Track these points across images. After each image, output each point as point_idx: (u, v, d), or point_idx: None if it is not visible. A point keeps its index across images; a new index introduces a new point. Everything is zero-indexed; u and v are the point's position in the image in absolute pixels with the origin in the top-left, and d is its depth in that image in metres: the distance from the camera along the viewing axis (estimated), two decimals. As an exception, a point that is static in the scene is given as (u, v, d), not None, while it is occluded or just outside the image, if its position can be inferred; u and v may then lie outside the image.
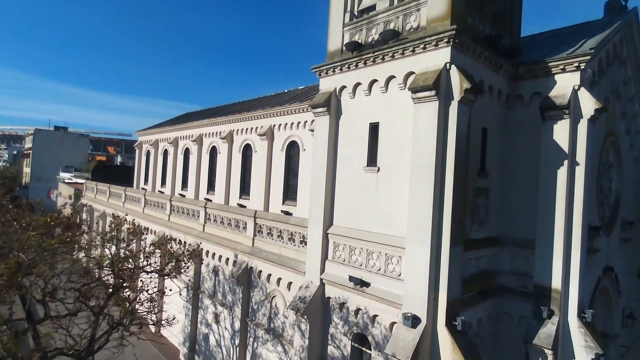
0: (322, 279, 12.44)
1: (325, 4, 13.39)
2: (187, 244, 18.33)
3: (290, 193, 20.24)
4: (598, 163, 12.86)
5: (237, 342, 16.34)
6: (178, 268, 14.69)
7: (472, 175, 10.90)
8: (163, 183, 33.23)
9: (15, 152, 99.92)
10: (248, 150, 23.51)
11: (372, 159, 11.48)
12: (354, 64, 11.85)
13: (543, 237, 10.96)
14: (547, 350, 10.24)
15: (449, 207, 9.51)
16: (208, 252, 19.06)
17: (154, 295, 14.12)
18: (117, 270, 12.77)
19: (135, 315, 12.92)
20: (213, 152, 26.86)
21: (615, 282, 14.45)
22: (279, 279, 14.81)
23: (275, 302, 15.24)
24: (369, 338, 11.24)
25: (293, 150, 20.22)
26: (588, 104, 10.64)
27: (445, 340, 9.42)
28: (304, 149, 19.11)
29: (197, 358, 19.36)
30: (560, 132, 10.82)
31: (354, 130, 12.04)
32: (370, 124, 11.59)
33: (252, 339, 16.09)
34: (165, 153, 33.17)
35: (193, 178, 28.38)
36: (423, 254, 9.61)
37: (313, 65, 13.11)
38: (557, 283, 10.68)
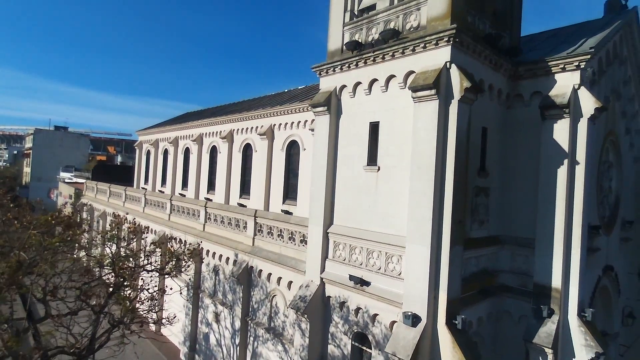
0: (322, 278, 12.45)
1: (326, 4, 13.43)
2: (187, 243, 18.36)
3: (291, 192, 20.27)
4: (598, 162, 12.88)
5: (237, 341, 16.36)
6: (178, 267, 14.71)
7: (472, 175, 10.91)
8: (163, 183, 33.26)
9: (16, 152, 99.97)
10: (248, 150, 23.53)
11: (372, 159, 11.50)
12: (354, 63, 11.86)
13: (543, 236, 10.98)
14: (547, 349, 10.27)
15: (449, 206, 9.52)
16: (208, 251, 19.08)
17: (155, 294, 14.15)
18: (117, 269, 12.80)
19: (136, 314, 12.94)
20: (213, 151, 26.89)
21: (615, 281, 14.47)
22: (279, 278, 14.83)
23: (276, 301, 15.26)
24: (369, 337, 11.26)
25: (293, 150, 20.25)
26: (588, 103, 10.66)
27: (446, 339, 9.44)
28: (304, 149, 19.14)
29: (197, 357, 19.38)
30: (560, 131, 10.84)
31: (354, 130, 12.05)
32: (371, 124, 11.61)
33: (252, 338, 16.11)
34: (166, 153, 33.19)
35: (193, 178, 28.41)
36: (423, 253, 9.63)
37: (313, 65, 13.13)
38: (557, 282, 10.71)
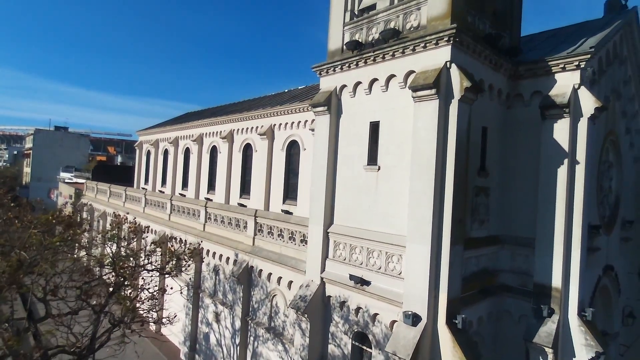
0: (322, 278, 12.46)
1: (326, 4, 13.44)
2: (187, 243, 18.36)
3: (291, 192, 20.28)
4: (598, 162, 12.88)
5: (237, 341, 16.36)
6: (179, 267, 14.73)
7: (472, 174, 10.92)
8: (163, 183, 33.27)
9: (16, 152, 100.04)
10: (248, 150, 23.54)
11: (372, 158, 11.51)
12: (355, 63, 11.87)
13: (543, 235, 10.98)
14: (547, 349, 10.27)
15: (449, 205, 9.53)
16: (208, 251, 19.09)
17: (155, 294, 14.16)
18: (118, 269, 12.83)
19: (136, 314, 12.96)
20: (213, 151, 26.90)
21: (616, 281, 14.47)
22: (280, 278, 14.83)
23: (276, 301, 15.26)
24: (370, 336, 11.26)
25: (293, 150, 20.26)
26: (588, 103, 10.67)
27: (446, 339, 9.45)
28: (305, 148, 19.16)
29: (197, 357, 19.38)
30: (561, 131, 10.85)
31: (355, 130, 12.06)
32: (371, 123, 11.61)
33: (252, 338, 16.11)
34: (166, 153, 33.20)
35: (193, 178, 28.42)
36: (423, 253, 9.64)
37: (314, 65, 13.14)
38: (557, 282, 10.71)
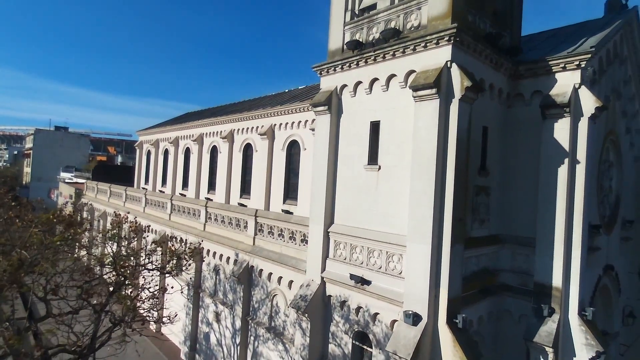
0: (323, 278, 12.46)
1: (326, 4, 13.47)
2: (188, 243, 18.36)
3: (291, 192, 20.28)
4: (598, 162, 12.88)
5: (237, 340, 16.36)
6: (179, 266, 14.74)
7: (472, 174, 10.92)
8: (164, 183, 33.27)
9: (16, 152, 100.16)
10: (249, 150, 23.54)
11: (372, 158, 11.51)
12: (355, 63, 11.88)
13: (543, 235, 10.99)
14: (547, 348, 10.28)
15: (450, 205, 9.54)
16: (209, 251, 19.09)
17: (156, 293, 14.17)
18: (118, 268, 12.84)
19: (137, 313, 12.97)
20: (214, 151, 26.90)
21: (616, 280, 14.47)
22: (280, 278, 14.84)
23: (276, 300, 15.27)
24: (370, 336, 11.27)
25: (294, 150, 20.27)
26: (588, 103, 10.67)
27: (446, 338, 9.45)
28: (305, 148, 19.16)
29: (197, 357, 19.39)
30: (561, 130, 10.86)
31: (355, 129, 12.07)
32: (371, 123, 11.62)
33: (252, 338, 16.12)
34: (166, 153, 33.20)
35: (194, 178, 28.42)
36: (424, 252, 9.64)
37: (314, 64, 13.14)
38: (557, 281, 10.72)
